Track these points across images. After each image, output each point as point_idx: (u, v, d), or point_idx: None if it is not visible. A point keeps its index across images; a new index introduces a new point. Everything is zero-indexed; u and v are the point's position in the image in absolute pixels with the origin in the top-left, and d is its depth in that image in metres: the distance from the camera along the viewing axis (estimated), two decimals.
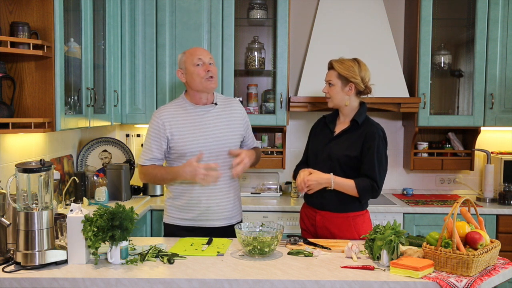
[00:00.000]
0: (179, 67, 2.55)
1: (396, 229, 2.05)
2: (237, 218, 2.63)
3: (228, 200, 2.57)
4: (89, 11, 2.95)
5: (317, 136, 2.67)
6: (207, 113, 2.53)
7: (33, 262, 1.92)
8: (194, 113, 2.52)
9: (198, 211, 2.52)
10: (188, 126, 2.49)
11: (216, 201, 2.53)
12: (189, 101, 2.55)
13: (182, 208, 2.55)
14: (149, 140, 2.53)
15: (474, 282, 1.81)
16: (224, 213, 2.55)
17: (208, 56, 2.51)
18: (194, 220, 2.53)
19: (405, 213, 3.52)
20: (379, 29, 3.75)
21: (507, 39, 3.65)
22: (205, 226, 2.54)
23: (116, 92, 3.51)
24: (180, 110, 2.53)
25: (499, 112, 3.69)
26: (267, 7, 3.86)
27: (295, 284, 1.84)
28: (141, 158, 2.55)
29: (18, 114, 2.52)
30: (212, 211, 2.52)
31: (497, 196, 3.72)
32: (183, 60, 2.52)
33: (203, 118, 2.52)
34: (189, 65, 2.48)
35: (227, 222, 2.57)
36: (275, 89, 3.72)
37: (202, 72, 2.46)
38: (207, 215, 2.53)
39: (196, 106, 2.54)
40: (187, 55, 2.51)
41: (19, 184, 1.97)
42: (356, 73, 2.49)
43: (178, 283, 1.86)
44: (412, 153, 3.84)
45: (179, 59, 2.56)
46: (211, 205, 2.52)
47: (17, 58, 2.50)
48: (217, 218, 2.54)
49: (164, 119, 2.50)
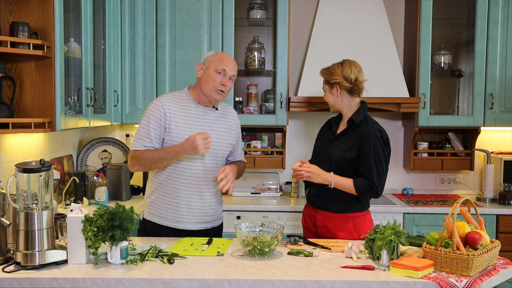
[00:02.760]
0: (202, 62, 2.52)
1: (396, 229, 2.06)
2: (215, 222, 2.59)
3: (211, 205, 2.53)
4: (89, 11, 2.95)
5: (321, 137, 2.72)
6: (206, 115, 2.52)
7: (33, 262, 1.92)
8: (194, 111, 2.50)
9: (178, 213, 2.48)
10: (186, 122, 2.46)
11: (198, 204, 2.49)
12: (192, 99, 2.53)
13: (162, 208, 2.50)
14: (148, 127, 2.43)
15: (474, 282, 1.81)
16: (203, 217, 2.52)
17: (233, 71, 2.48)
18: (173, 221, 2.49)
19: (405, 213, 3.52)
20: (379, 29, 3.75)
21: (507, 39, 3.65)
22: (184, 228, 2.49)
23: (116, 92, 3.51)
24: (181, 104, 2.50)
25: (499, 112, 3.69)
26: (267, 7, 3.86)
27: (295, 284, 1.84)
28: (137, 144, 2.44)
29: (18, 114, 2.52)
30: (193, 214, 2.49)
31: (497, 196, 3.72)
32: (210, 59, 2.48)
33: (201, 119, 2.50)
34: (211, 69, 2.45)
35: (204, 225, 2.53)
36: (275, 89, 3.72)
37: (218, 82, 2.44)
38: (188, 217, 2.49)
39: (197, 105, 2.52)
40: (216, 58, 2.47)
41: (19, 184, 1.96)
42: (338, 73, 2.54)
43: (178, 283, 1.86)
44: (412, 153, 3.84)
45: (208, 55, 2.52)
46: (193, 208, 2.49)
47: (17, 58, 2.50)
48: (197, 221, 2.51)
49: (166, 108, 2.45)
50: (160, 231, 2.50)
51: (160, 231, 2.50)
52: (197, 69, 2.52)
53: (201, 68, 2.51)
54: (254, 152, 3.86)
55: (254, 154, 3.84)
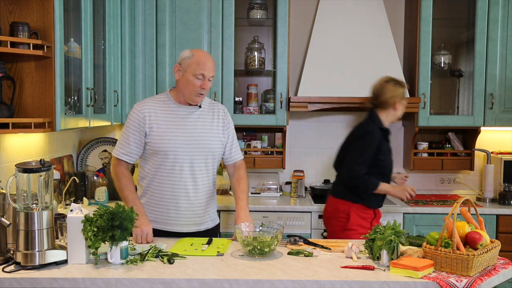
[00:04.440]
0: (179, 63, 2.45)
1: (396, 229, 2.06)
2: (207, 224, 2.56)
3: (200, 206, 2.50)
4: (89, 11, 2.95)
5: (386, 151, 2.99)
6: (189, 114, 2.48)
7: (33, 262, 1.92)
8: (176, 112, 2.47)
9: (166, 215, 2.46)
10: (167, 124, 2.44)
11: (185, 205, 2.46)
12: (173, 99, 2.50)
13: (150, 211, 2.48)
14: (127, 133, 2.45)
15: (474, 282, 1.81)
16: (193, 218, 2.49)
17: (211, 72, 2.42)
18: (162, 224, 2.47)
19: (405, 213, 3.52)
20: (379, 29, 3.75)
21: (507, 39, 3.65)
22: (173, 231, 2.47)
23: (116, 92, 3.50)
24: (162, 106, 2.48)
25: (499, 112, 3.69)
26: (267, 7, 3.86)
27: (295, 284, 1.84)
28: (117, 150, 2.48)
29: (18, 114, 2.52)
30: (181, 215, 2.46)
31: (497, 196, 3.72)
32: (187, 62, 2.41)
33: (183, 119, 2.47)
34: (190, 73, 2.40)
35: (195, 228, 2.51)
36: (275, 89, 3.72)
37: (197, 86, 2.40)
38: (176, 219, 2.46)
39: (179, 105, 2.49)
40: (193, 61, 2.40)
41: (19, 184, 1.96)
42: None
43: (178, 283, 1.86)
44: (412, 153, 3.84)
45: (183, 56, 2.45)
46: (180, 209, 2.46)
47: (17, 58, 2.50)
48: (186, 223, 2.48)
49: (145, 113, 2.44)
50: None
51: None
52: (174, 70, 2.48)
53: (179, 70, 2.45)
54: (254, 152, 3.86)
55: (254, 154, 3.84)
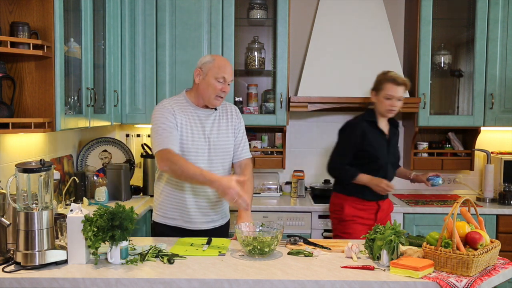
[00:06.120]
0: (199, 67, 2.47)
1: (396, 229, 2.06)
2: (222, 220, 2.64)
3: (218, 202, 2.56)
4: (89, 11, 2.95)
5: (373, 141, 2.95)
6: (207, 117, 2.53)
7: (33, 262, 1.92)
8: (194, 114, 2.51)
9: (186, 213, 2.51)
10: (188, 126, 2.47)
11: (205, 204, 2.52)
12: (191, 102, 2.53)
13: (169, 209, 2.53)
14: (164, 126, 2.39)
15: (474, 282, 1.81)
16: (212, 216, 2.56)
17: (231, 76, 2.48)
18: (182, 221, 2.52)
19: (405, 213, 3.52)
20: (379, 29, 3.75)
21: (507, 39, 3.65)
22: (193, 228, 2.52)
23: (116, 92, 3.51)
24: (181, 107, 2.50)
25: (499, 112, 3.69)
26: (267, 7, 3.86)
27: (295, 284, 1.84)
28: (165, 143, 2.35)
29: (18, 114, 2.52)
30: (202, 213, 2.52)
31: (497, 196, 3.72)
32: (208, 66, 2.44)
33: (202, 122, 2.51)
34: (211, 76, 2.43)
35: (212, 224, 2.57)
36: (275, 89, 3.72)
37: (218, 89, 2.44)
38: (196, 217, 2.51)
39: (197, 107, 2.53)
40: (215, 65, 2.44)
41: (19, 184, 1.96)
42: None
43: (178, 283, 1.86)
44: (412, 153, 3.85)
45: (204, 60, 2.47)
46: (197, 207, 2.51)
47: (17, 58, 2.50)
48: (206, 221, 2.54)
49: (172, 110, 2.45)
50: (169, 232, 2.51)
51: (169, 232, 2.51)
52: (194, 74, 2.50)
53: (199, 74, 2.48)
54: (254, 152, 3.86)
55: (254, 154, 3.84)
